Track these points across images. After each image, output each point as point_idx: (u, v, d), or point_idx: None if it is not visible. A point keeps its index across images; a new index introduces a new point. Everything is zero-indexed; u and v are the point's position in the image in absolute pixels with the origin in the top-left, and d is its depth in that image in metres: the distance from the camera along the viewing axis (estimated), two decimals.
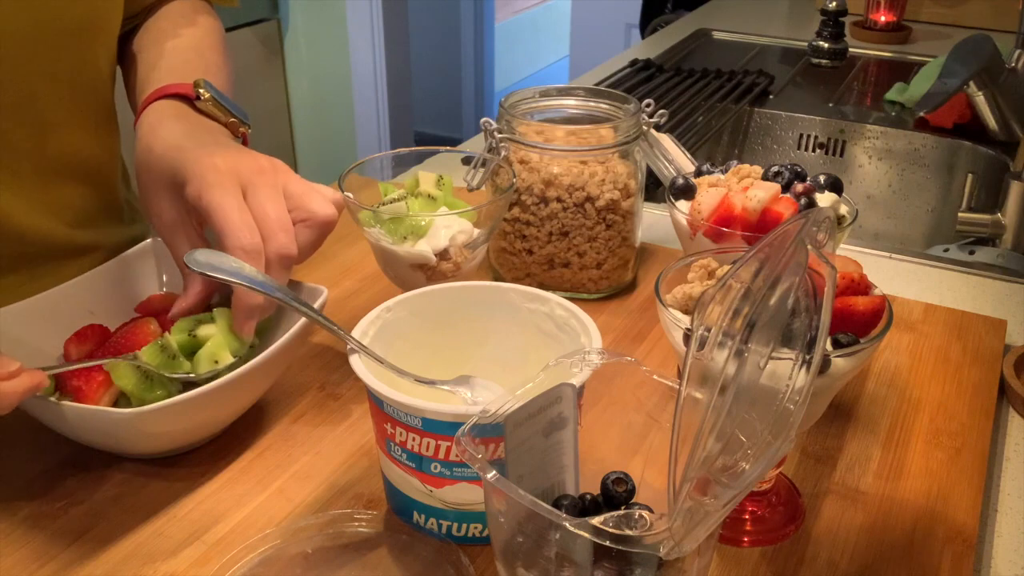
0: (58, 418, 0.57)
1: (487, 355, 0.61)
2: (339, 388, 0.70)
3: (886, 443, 0.65)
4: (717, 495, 0.38)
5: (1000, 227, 1.08)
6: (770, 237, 0.44)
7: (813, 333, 0.41)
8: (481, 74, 4.14)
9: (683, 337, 0.53)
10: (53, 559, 0.54)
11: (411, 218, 0.70)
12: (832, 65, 1.62)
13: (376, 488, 0.60)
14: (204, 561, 0.54)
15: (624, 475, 0.47)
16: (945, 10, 1.81)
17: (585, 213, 0.77)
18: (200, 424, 0.61)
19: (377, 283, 0.81)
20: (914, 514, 0.59)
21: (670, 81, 1.45)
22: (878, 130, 1.38)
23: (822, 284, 0.42)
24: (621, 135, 0.78)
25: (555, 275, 0.81)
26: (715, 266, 0.59)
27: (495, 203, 0.73)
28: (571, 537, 0.40)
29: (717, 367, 0.42)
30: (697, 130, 1.28)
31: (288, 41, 2.94)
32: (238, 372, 0.58)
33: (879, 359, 0.74)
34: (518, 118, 0.78)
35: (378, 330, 0.58)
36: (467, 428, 0.43)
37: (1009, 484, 0.63)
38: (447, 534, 0.55)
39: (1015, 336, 0.80)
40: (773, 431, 0.40)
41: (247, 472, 0.61)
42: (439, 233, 0.70)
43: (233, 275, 0.57)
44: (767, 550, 0.56)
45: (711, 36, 1.78)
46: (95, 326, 0.66)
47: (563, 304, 0.59)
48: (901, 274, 0.92)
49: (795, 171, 0.71)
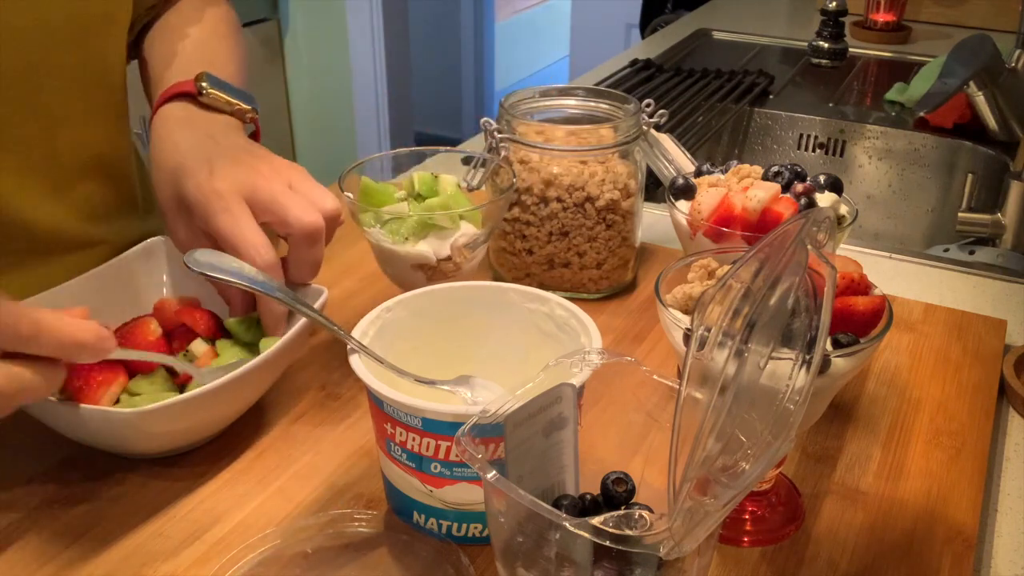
0: (58, 418, 0.57)
1: (487, 355, 0.61)
2: (339, 388, 0.70)
3: (886, 443, 0.65)
4: (717, 495, 0.38)
5: (1000, 227, 1.08)
6: (770, 237, 0.44)
7: (813, 333, 0.41)
8: (481, 74, 4.14)
9: (683, 337, 0.53)
10: (53, 559, 0.54)
11: (412, 218, 0.70)
12: (832, 65, 1.62)
13: (376, 488, 0.60)
14: (204, 561, 0.54)
15: (624, 475, 0.47)
16: (945, 10, 1.81)
17: (585, 213, 0.77)
18: (200, 424, 0.61)
19: (377, 283, 0.81)
20: (914, 514, 0.59)
21: (670, 81, 1.45)
22: (878, 130, 1.38)
23: (822, 284, 0.42)
24: (621, 135, 0.78)
25: (555, 275, 0.81)
26: (715, 266, 0.59)
27: (495, 203, 0.73)
28: (571, 537, 0.40)
29: (717, 367, 0.42)
30: (697, 130, 1.28)
31: (288, 41, 2.94)
32: (238, 372, 0.58)
33: (879, 359, 0.74)
34: (518, 118, 0.78)
35: (378, 330, 0.58)
36: (467, 428, 0.43)
37: (1009, 484, 0.63)
38: (447, 534, 0.55)
39: (1015, 336, 0.80)
40: (773, 431, 0.40)
41: (247, 472, 0.61)
42: (444, 234, 0.70)
43: (233, 275, 0.57)
44: (767, 550, 0.56)
45: (711, 36, 1.78)
46: None
47: (563, 304, 0.59)
48: (901, 274, 0.92)
49: (795, 171, 0.71)
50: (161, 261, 0.72)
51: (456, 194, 0.73)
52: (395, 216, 0.70)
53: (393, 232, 0.70)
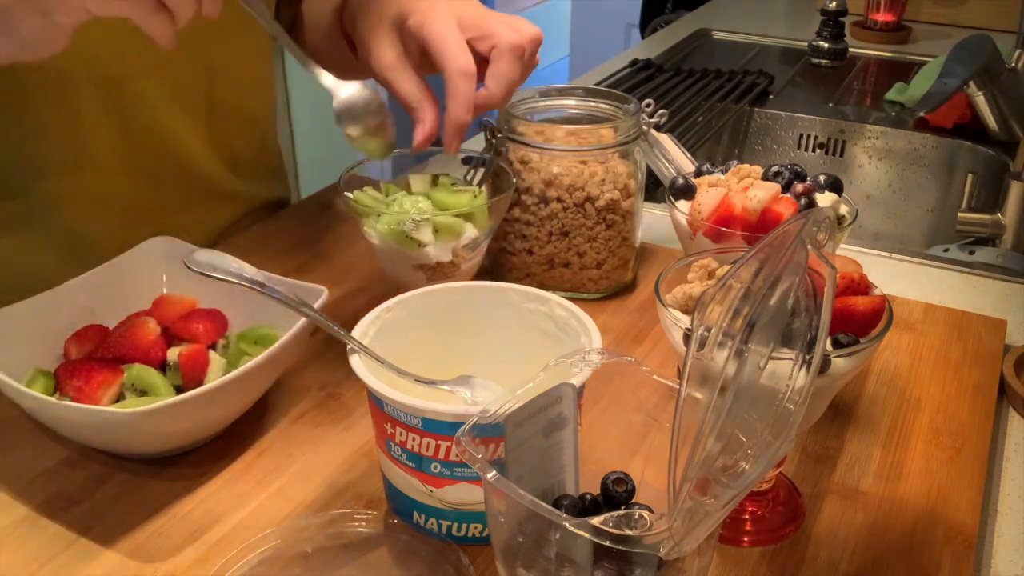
0: (58, 418, 0.57)
1: (487, 355, 0.61)
2: (339, 388, 0.70)
3: (886, 443, 0.65)
4: (717, 495, 0.38)
5: (1000, 227, 1.08)
6: (770, 237, 0.44)
7: (813, 333, 0.41)
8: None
9: (683, 337, 0.53)
10: (53, 559, 0.54)
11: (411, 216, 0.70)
12: (832, 65, 1.62)
13: (376, 488, 0.60)
14: (204, 561, 0.54)
15: (624, 475, 0.47)
16: (945, 10, 1.81)
17: (585, 213, 0.77)
18: (200, 424, 0.61)
19: (377, 283, 0.81)
20: (914, 514, 0.59)
21: (670, 81, 1.45)
22: (878, 130, 1.38)
23: (822, 284, 0.42)
24: (621, 135, 0.78)
25: (555, 275, 0.81)
26: (715, 266, 0.59)
27: (495, 203, 0.73)
28: (571, 537, 0.40)
29: (717, 367, 0.42)
30: (697, 130, 1.28)
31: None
32: (238, 372, 0.58)
33: (879, 359, 0.74)
34: (518, 118, 0.78)
35: (378, 330, 0.58)
36: (467, 428, 0.43)
37: (1009, 484, 0.63)
38: (447, 534, 0.55)
39: (1015, 336, 0.80)
40: (773, 431, 0.40)
41: (247, 472, 0.61)
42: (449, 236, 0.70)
43: (234, 275, 0.57)
44: (767, 550, 0.56)
45: (711, 36, 1.78)
46: (95, 326, 0.66)
47: (563, 304, 0.59)
48: (901, 274, 0.92)
49: (795, 171, 0.71)
50: (161, 261, 0.72)
51: (462, 197, 0.73)
52: (400, 216, 0.70)
53: (396, 233, 0.70)
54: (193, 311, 0.67)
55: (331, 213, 0.96)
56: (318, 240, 0.91)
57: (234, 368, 0.60)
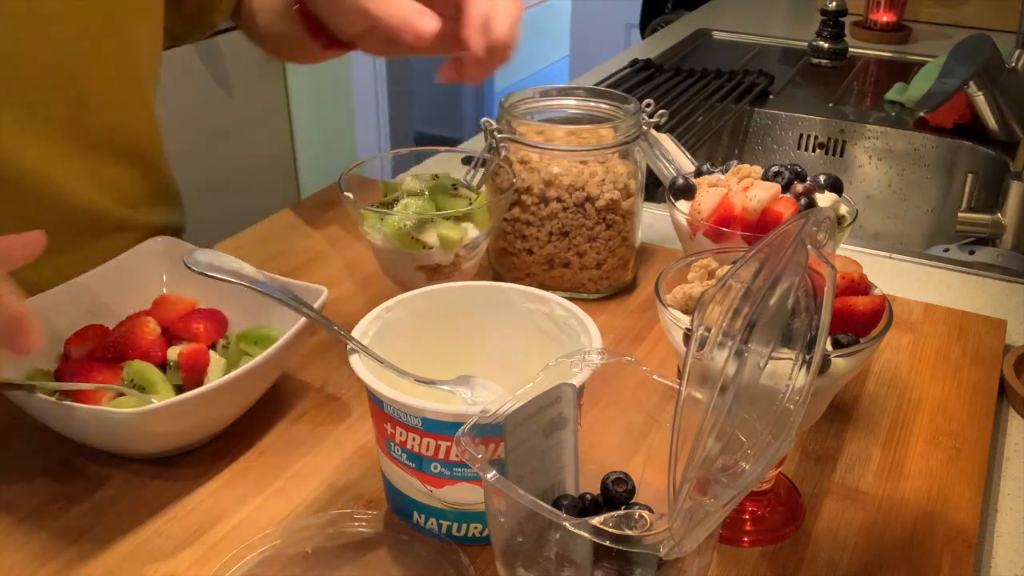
0: (58, 418, 0.57)
1: (487, 355, 0.61)
2: (339, 388, 0.70)
3: (886, 443, 0.65)
4: (717, 495, 0.38)
5: (1000, 227, 1.08)
6: (770, 237, 0.44)
7: (813, 333, 0.41)
8: None
9: (683, 337, 0.53)
10: (53, 559, 0.54)
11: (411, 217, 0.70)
12: (832, 65, 1.62)
13: (376, 488, 0.60)
14: (204, 561, 0.54)
15: (624, 475, 0.47)
16: (945, 10, 1.81)
17: (585, 213, 0.77)
18: (200, 424, 0.61)
19: (377, 283, 0.81)
20: (914, 514, 0.59)
21: (670, 81, 1.45)
22: (878, 130, 1.38)
23: (822, 284, 0.42)
24: (621, 135, 0.78)
25: (555, 275, 0.81)
26: (715, 266, 0.59)
27: (495, 203, 0.73)
28: (571, 537, 0.40)
29: (717, 367, 0.42)
30: (697, 130, 1.28)
31: None
32: (238, 372, 0.58)
33: (879, 359, 0.74)
34: (518, 118, 0.78)
35: (378, 330, 0.58)
36: (467, 428, 0.43)
37: (1009, 484, 0.63)
38: (447, 534, 0.55)
39: (1015, 336, 0.80)
40: (773, 431, 0.40)
41: (247, 472, 0.61)
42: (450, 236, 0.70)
43: (233, 275, 0.57)
44: (767, 550, 0.56)
45: (711, 36, 1.78)
46: (95, 326, 0.66)
47: (563, 304, 0.59)
48: (901, 274, 0.92)
49: (795, 171, 0.71)
50: (161, 261, 0.72)
51: (457, 196, 0.73)
52: (404, 217, 0.70)
53: (400, 234, 0.70)
54: (193, 311, 0.67)
55: (331, 213, 0.96)
56: (318, 240, 0.91)
57: (234, 368, 0.60)
